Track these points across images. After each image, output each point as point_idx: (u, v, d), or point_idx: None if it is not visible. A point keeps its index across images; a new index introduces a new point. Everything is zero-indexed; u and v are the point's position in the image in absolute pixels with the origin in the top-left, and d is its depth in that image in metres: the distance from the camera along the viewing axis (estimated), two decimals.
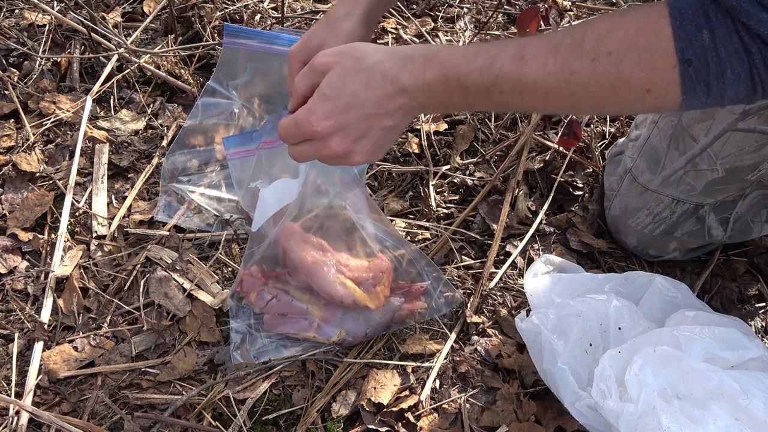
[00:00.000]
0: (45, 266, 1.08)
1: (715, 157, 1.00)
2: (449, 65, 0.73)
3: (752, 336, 0.91)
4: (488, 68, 0.70)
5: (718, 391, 0.82)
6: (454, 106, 0.77)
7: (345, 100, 0.74)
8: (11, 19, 1.48)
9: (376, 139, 0.78)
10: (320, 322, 0.99)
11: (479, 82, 0.71)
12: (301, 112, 0.76)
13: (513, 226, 1.17)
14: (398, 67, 0.74)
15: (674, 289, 0.98)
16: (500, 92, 0.71)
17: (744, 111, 0.96)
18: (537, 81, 0.69)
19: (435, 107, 0.78)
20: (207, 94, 1.27)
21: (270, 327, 1.00)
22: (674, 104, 0.66)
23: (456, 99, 0.75)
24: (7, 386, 0.95)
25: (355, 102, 0.75)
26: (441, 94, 0.74)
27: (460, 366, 0.99)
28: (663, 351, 0.85)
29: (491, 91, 0.71)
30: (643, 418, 0.79)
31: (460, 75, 0.72)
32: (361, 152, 0.78)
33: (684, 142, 1.03)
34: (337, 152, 0.77)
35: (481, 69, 0.71)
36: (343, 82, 0.75)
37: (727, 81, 0.63)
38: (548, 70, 0.68)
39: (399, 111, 0.76)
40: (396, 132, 0.80)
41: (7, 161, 1.20)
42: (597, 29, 0.67)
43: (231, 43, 1.28)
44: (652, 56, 0.64)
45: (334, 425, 0.92)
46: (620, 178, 1.12)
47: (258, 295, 1.00)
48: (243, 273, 1.01)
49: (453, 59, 0.73)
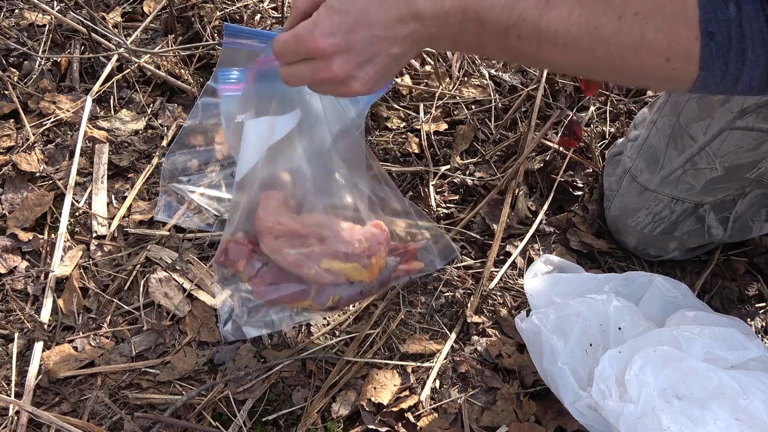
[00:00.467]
0: (45, 266, 1.08)
1: (714, 156, 1.00)
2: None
3: (752, 336, 0.92)
4: (511, 6, 0.66)
5: (718, 391, 0.82)
6: (464, 44, 0.72)
7: (354, 16, 0.68)
8: (11, 19, 1.48)
9: (380, 66, 0.71)
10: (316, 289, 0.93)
11: (499, 20, 0.67)
12: (304, 25, 0.70)
13: (513, 226, 1.17)
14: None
15: (674, 289, 0.98)
16: (518, 36, 0.67)
17: (742, 109, 0.96)
18: (558, 30, 0.65)
19: (444, 41, 0.72)
20: (207, 94, 1.27)
21: (261, 295, 0.92)
22: (689, 78, 0.64)
23: (469, 35, 0.70)
24: (7, 386, 0.95)
25: (365, 20, 0.68)
26: (455, 26, 0.69)
27: (460, 366, 0.99)
28: (663, 351, 0.85)
29: (509, 32, 0.67)
30: (643, 418, 0.80)
31: (479, 8, 0.67)
32: (363, 79, 0.71)
33: (683, 141, 1.03)
34: (337, 75, 0.70)
35: (503, 6, 0.66)
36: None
37: (746, 61, 0.61)
38: (572, 20, 0.65)
39: (408, 38, 0.70)
40: (400, 62, 0.74)
41: (7, 161, 1.20)
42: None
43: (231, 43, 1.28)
44: (676, 24, 0.61)
45: (334, 425, 0.92)
46: (619, 178, 1.12)
47: (248, 263, 0.92)
48: (227, 240, 0.93)
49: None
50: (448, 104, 1.35)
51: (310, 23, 0.69)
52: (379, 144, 1.27)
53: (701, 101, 1.00)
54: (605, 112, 1.36)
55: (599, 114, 1.36)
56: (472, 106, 1.35)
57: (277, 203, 0.94)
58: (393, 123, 1.32)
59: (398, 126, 1.31)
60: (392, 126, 1.31)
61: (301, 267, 0.90)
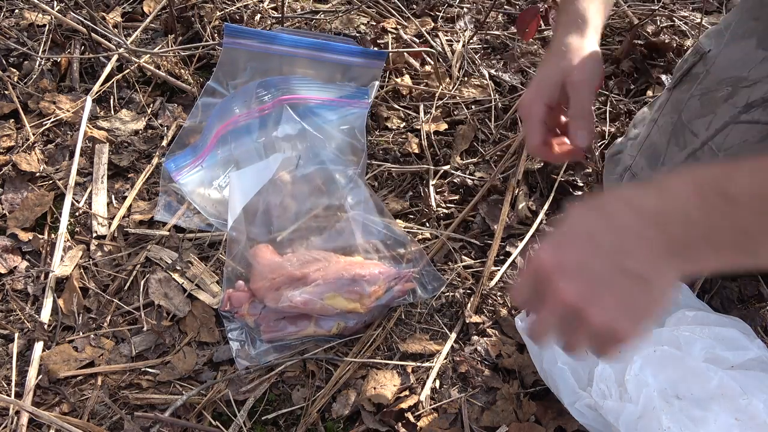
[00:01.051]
0: (45, 266, 1.08)
1: (717, 150, 0.99)
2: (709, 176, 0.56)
3: (752, 336, 0.91)
4: (760, 169, 0.55)
5: (718, 391, 0.82)
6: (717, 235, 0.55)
7: (577, 232, 0.59)
8: (11, 19, 1.48)
9: (623, 292, 0.57)
10: (317, 315, 0.99)
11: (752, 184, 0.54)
12: (535, 253, 0.60)
13: (513, 226, 1.17)
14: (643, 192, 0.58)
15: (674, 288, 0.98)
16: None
17: (748, 104, 0.95)
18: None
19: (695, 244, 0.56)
20: (207, 94, 1.28)
21: (268, 337, 0.99)
22: None
23: (721, 221, 0.54)
24: (7, 386, 0.95)
25: (587, 233, 0.58)
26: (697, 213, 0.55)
27: (460, 366, 0.99)
28: (663, 351, 0.85)
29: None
30: (643, 418, 0.80)
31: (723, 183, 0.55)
32: (600, 303, 0.56)
33: (684, 137, 1.02)
34: (569, 300, 0.57)
35: (751, 170, 0.55)
36: (579, 217, 0.60)
37: None
38: None
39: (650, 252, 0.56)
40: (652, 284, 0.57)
41: (7, 161, 1.21)
42: None
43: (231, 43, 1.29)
44: None
45: (334, 425, 0.92)
46: (620, 176, 1.12)
47: (250, 306, 0.99)
48: (227, 292, 1.01)
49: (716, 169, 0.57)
50: (448, 104, 1.35)
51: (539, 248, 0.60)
52: (379, 144, 1.27)
53: (704, 98, 1.00)
54: (605, 112, 1.36)
55: (599, 114, 1.36)
56: (472, 106, 1.35)
57: (266, 261, 1.02)
58: (393, 123, 1.32)
59: (398, 126, 1.31)
60: (392, 126, 1.31)
61: (307, 305, 0.97)
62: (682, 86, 1.04)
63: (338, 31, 1.48)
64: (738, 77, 0.95)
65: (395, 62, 1.40)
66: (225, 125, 1.11)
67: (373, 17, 1.53)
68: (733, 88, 0.96)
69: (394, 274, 1.02)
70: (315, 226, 1.09)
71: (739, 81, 0.95)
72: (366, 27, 1.51)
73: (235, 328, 1.00)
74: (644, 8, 1.59)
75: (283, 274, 0.99)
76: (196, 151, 1.12)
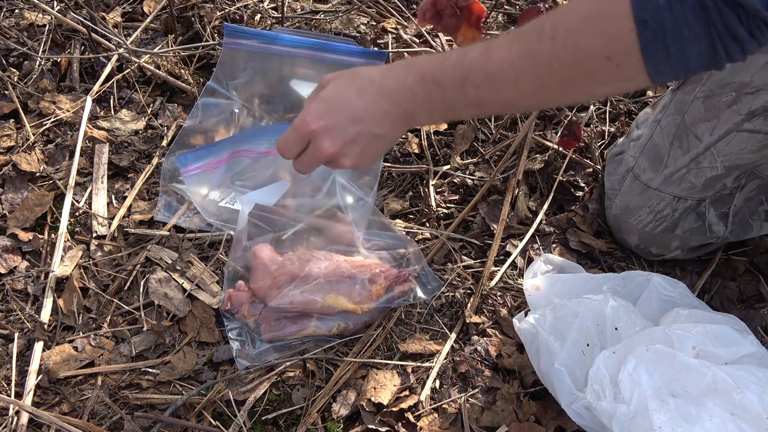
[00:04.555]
0: (45, 266, 1.08)
1: (717, 155, 1.00)
2: (425, 66, 0.79)
3: (746, 332, 0.91)
4: (459, 63, 0.76)
5: (712, 386, 0.82)
6: (437, 111, 0.82)
7: (337, 102, 0.82)
8: (11, 19, 1.48)
9: (364, 144, 0.84)
10: (318, 315, 0.99)
11: (453, 78, 0.76)
12: (298, 117, 0.84)
13: (513, 226, 1.17)
14: (383, 74, 0.82)
15: (672, 288, 0.98)
16: (474, 86, 0.75)
17: (750, 111, 0.96)
18: (504, 68, 0.73)
19: (419, 114, 0.82)
20: (207, 94, 1.27)
21: (268, 336, 0.99)
22: (638, 71, 0.66)
23: (435, 100, 0.79)
24: (7, 386, 0.95)
25: (345, 104, 0.82)
26: (420, 95, 0.79)
27: (460, 366, 0.99)
28: (656, 349, 0.85)
29: (465, 85, 0.75)
30: (635, 418, 0.79)
31: (435, 73, 0.77)
32: (350, 156, 0.84)
33: (688, 141, 1.03)
34: (328, 153, 0.83)
35: (454, 64, 0.76)
36: (337, 88, 0.83)
37: (685, 41, 0.63)
38: (512, 55, 0.72)
39: (385, 118, 0.82)
40: (383, 143, 0.86)
41: (7, 161, 1.21)
42: (557, 12, 0.71)
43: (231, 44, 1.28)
44: (608, 23, 0.65)
45: (334, 425, 0.92)
46: (621, 177, 1.12)
47: (250, 306, 0.99)
48: (228, 292, 1.01)
49: (429, 61, 0.81)
50: None
51: (302, 112, 0.83)
52: None
53: (707, 101, 1.00)
54: (605, 112, 1.36)
55: (599, 114, 1.36)
56: None
57: (266, 261, 1.02)
58: None
59: None
60: None
61: (308, 304, 0.98)
62: (686, 87, 1.04)
63: (338, 31, 1.48)
64: (741, 82, 0.96)
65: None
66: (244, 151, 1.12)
67: (373, 17, 1.53)
68: (736, 94, 0.97)
69: (395, 274, 1.02)
70: (315, 226, 1.09)
71: (743, 86, 0.96)
72: (366, 27, 1.51)
73: (235, 327, 1.00)
74: None
75: (284, 273, 1.00)
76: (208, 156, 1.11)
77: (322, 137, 0.82)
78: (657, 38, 0.63)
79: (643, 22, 0.63)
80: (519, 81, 0.73)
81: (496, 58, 0.73)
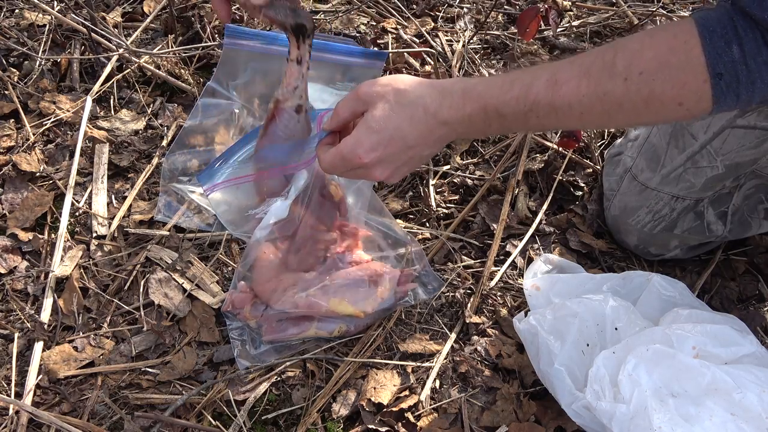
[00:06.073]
0: (45, 266, 1.08)
1: (715, 154, 1.00)
2: (487, 97, 0.77)
3: (745, 332, 0.91)
4: (524, 96, 0.75)
5: (712, 386, 0.82)
6: (491, 132, 0.87)
7: (390, 132, 0.79)
8: (11, 19, 1.48)
9: (413, 164, 0.85)
10: (320, 317, 0.99)
11: (517, 110, 0.76)
12: (347, 146, 0.80)
13: (513, 226, 1.17)
14: (438, 101, 0.79)
15: (671, 287, 0.98)
16: (537, 117, 0.75)
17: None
18: (572, 104, 0.73)
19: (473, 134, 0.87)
20: (207, 95, 1.27)
21: (270, 338, 0.99)
22: (704, 112, 0.70)
23: (494, 127, 0.80)
24: (7, 386, 0.95)
25: (399, 135, 0.79)
26: (479, 123, 0.79)
27: (460, 366, 0.99)
28: (655, 349, 0.85)
29: (528, 116, 0.76)
30: (635, 418, 0.79)
31: (498, 105, 0.76)
32: (399, 175, 0.85)
33: (683, 139, 1.03)
34: (378, 179, 0.84)
35: (518, 98, 0.75)
36: (388, 116, 0.79)
37: (756, 89, 0.67)
38: (582, 92, 0.72)
39: (438, 141, 0.82)
40: (428, 158, 0.90)
41: (7, 161, 1.21)
42: (628, 50, 0.71)
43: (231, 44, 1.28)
44: (683, 73, 0.67)
45: (334, 425, 0.92)
46: (620, 178, 1.12)
47: (252, 307, 0.99)
48: (230, 293, 1.01)
49: (490, 91, 0.77)
50: None
51: (353, 143, 0.80)
52: None
53: None
54: None
55: None
56: None
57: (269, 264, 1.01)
58: None
59: None
60: None
61: (311, 308, 0.97)
62: None
63: (338, 31, 1.48)
64: None
65: (395, 62, 1.40)
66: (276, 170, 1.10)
67: (373, 17, 1.53)
68: None
69: (398, 275, 1.02)
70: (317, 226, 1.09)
71: None
72: (366, 27, 1.51)
73: (236, 327, 1.00)
74: (644, 8, 1.59)
75: (288, 275, 0.99)
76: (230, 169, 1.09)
77: (374, 168, 0.81)
78: (730, 89, 0.67)
79: (718, 75, 0.66)
80: (585, 114, 0.74)
81: (564, 94, 0.73)
